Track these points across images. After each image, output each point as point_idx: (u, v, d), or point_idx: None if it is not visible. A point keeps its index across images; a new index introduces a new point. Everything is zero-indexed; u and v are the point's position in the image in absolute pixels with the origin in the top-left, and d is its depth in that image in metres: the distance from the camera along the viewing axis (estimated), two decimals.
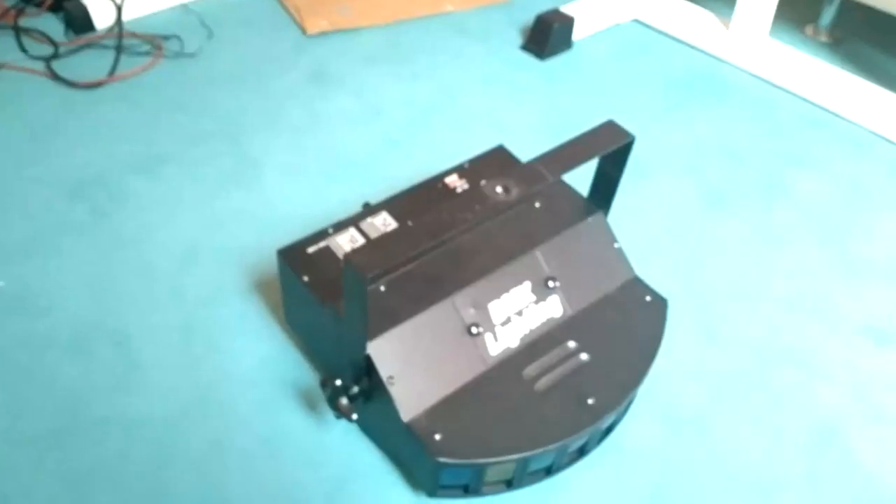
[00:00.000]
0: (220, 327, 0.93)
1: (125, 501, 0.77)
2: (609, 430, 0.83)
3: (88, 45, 1.33)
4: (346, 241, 0.82)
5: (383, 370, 0.73)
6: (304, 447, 0.83)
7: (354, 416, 0.75)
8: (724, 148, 1.22)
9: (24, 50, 1.31)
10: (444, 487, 0.77)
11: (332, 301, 0.76)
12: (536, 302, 0.81)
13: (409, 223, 0.65)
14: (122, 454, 0.81)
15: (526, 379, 0.77)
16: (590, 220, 0.85)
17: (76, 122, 1.18)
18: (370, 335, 0.73)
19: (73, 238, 1.01)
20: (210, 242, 1.02)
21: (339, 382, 0.75)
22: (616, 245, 0.86)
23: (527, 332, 0.80)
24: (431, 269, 0.79)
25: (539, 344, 0.80)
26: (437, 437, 0.72)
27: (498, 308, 0.79)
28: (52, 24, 1.34)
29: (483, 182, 0.69)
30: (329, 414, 0.84)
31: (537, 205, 0.86)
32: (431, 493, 0.77)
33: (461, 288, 0.78)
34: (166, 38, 1.35)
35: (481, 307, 0.78)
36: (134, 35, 1.34)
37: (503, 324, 0.79)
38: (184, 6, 1.42)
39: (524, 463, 0.75)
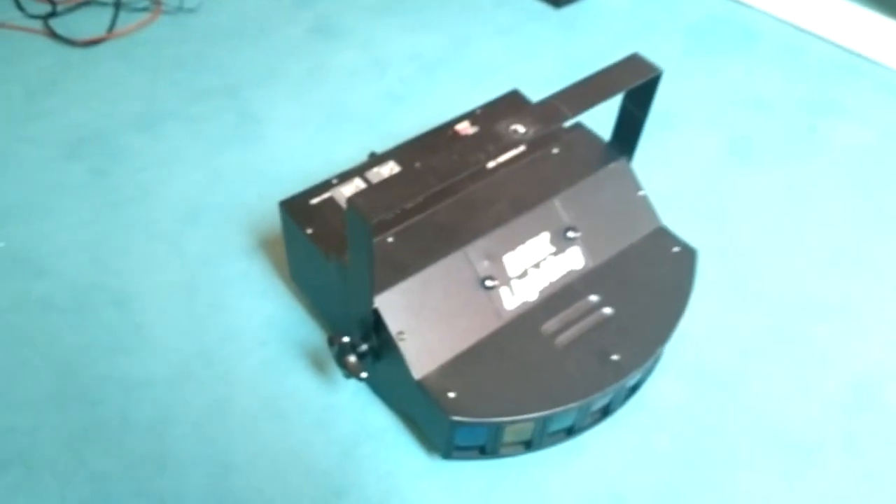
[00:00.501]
0: (224, 286, 0.89)
1: (126, 464, 0.74)
2: (634, 388, 0.78)
3: (87, 3, 1.28)
4: (352, 192, 0.77)
5: (393, 325, 0.68)
6: (311, 408, 0.79)
7: (364, 375, 0.71)
8: (752, 97, 1.15)
9: (21, 8, 1.27)
10: (460, 449, 0.73)
11: (336, 253, 0.71)
12: (555, 254, 0.76)
13: (417, 164, 0.60)
14: (122, 416, 0.77)
15: (545, 335, 0.73)
16: (612, 166, 0.80)
17: (74, 81, 1.14)
18: (378, 289, 0.68)
19: (72, 198, 0.98)
20: (212, 200, 0.98)
21: (346, 339, 0.71)
22: (640, 192, 0.81)
23: (545, 285, 0.75)
24: (442, 219, 0.75)
25: (559, 298, 0.75)
26: (451, 395, 0.68)
27: (514, 260, 0.74)
28: None
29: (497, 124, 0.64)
30: (337, 374, 0.80)
31: (555, 151, 0.81)
32: (446, 455, 0.73)
33: (474, 239, 0.73)
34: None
35: (496, 259, 0.73)
36: None
37: (520, 277, 0.74)
38: None
39: (544, 423, 0.70)
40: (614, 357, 0.71)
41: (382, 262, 0.71)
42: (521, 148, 0.81)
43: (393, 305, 0.69)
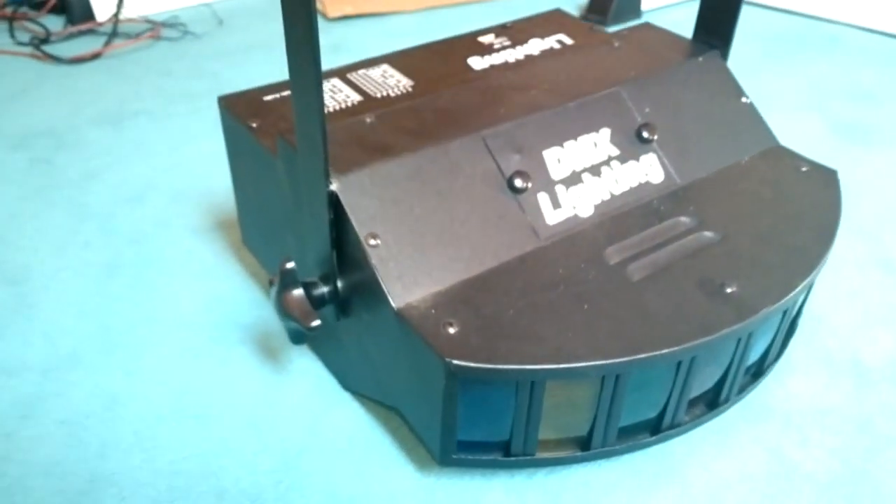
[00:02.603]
0: (156, 265, 0.64)
1: None
2: (758, 373, 0.48)
3: (84, 33, 1.16)
4: (326, 93, 0.54)
5: (361, 224, 0.42)
6: (245, 406, 0.51)
7: (314, 323, 0.44)
8: (847, 88, 0.93)
9: (12, 36, 1.15)
10: (467, 448, 0.43)
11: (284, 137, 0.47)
12: (622, 158, 0.50)
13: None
14: None
15: (610, 262, 0.45)
16: (701, 59, 0.56)
17: (48, 89, 0.98)
18: (340, 167, 0.43)
19: None
20: (169, 184, 0.76)
21: (290, 265, 0.44)
22: (744, 100, 0.55)
23: (606, 198, 0.48)
24: (448, 103, 0.50)
25: (628, 217, 0.48)
26: (451, 329, 0.40)
27: (558, 158, 0.48)
28: (52, 22, 1.19)
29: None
30: (292, 363, 0.53)
31: (616, 45, 0.57)
32: (444, 457, 0.43)
33: (497, 123, 0.48)
34: (170, 25, 1.16)
35: (531, 153, 0.48)
36: (132, 21, 1.16)
37: (567, 182, 0.48)
38: (206, 5, 1.25)
39: (613, 394, 0.41)
40: (730, 288, 0.43)
41: (354, 141, 0.46)
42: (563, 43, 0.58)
43: (361, 194, 0.43)
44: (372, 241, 0.42)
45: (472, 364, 0.38)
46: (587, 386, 0.42)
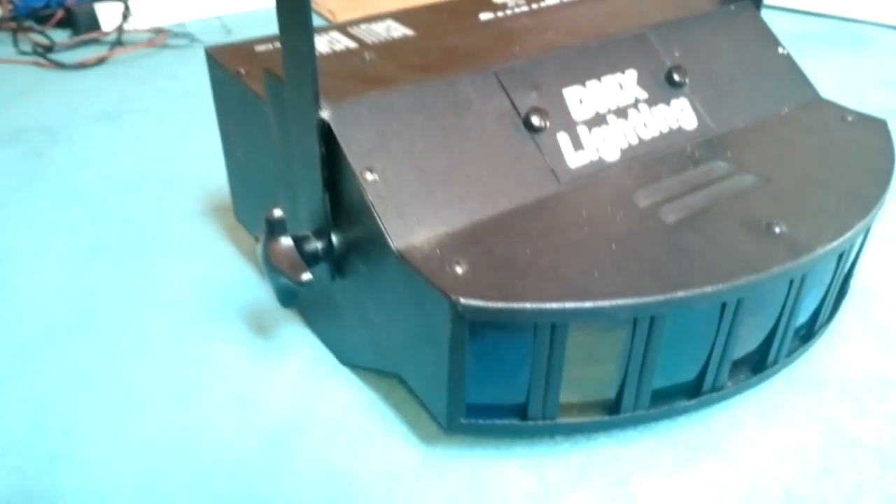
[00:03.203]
0: (144, 249, 0.60)
1: None
2: (808, 335, 0.43)
3: (89, 43, 1.14)
4: (324, 44, 0.50)
5: (355, 158, 0.37)
6: (233, 383, 0.46)
7: (305, 276, 0.39)
8: (880, 82, 0.88)
9: (16, 45, 1.13)
10: (477, 411, 0.37)
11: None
12: (650, 102, 0.45)
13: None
14: None
15: (640, 205, 0.40)
16: (734, 8, 0.51)
17: (48, 90, 0.95)
18: (332, 96, 0.38)
19: None
20: (163, 174, 0.72)
21: (277, 213, 0.39)
22: (781, 50, 0.51)
23: (634, 142, 0.43)
24: (457, 42, 0.46)
25: (660, 162, 0.43)
26: (459, 269, 0.35)
27: (579, 98, 0.43)
28: (58, 35, 1.17)
29: None
30: (284, 338, 0.48)
31: None
32: (451, 421, 0.37)
33: (512, 60, 0.43)
34: (178, 34, 1.14)
35: (549, 91, 0.43)
36: (137, 30, 1.14)
37: (590, 124, 0.43)
38: (216, 17, 1.23)
39: (647, 341, 0.35)
40: (779, 229, 0.37)
41: (351, 75, 0.41)
42: None
43: (357, 125, 0.38)
44: (369, 176, 0.37)
45: (483, 303, 0.33)
46: (616, 338, 0.36)
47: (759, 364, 0.40)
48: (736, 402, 0.42)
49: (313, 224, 0.42)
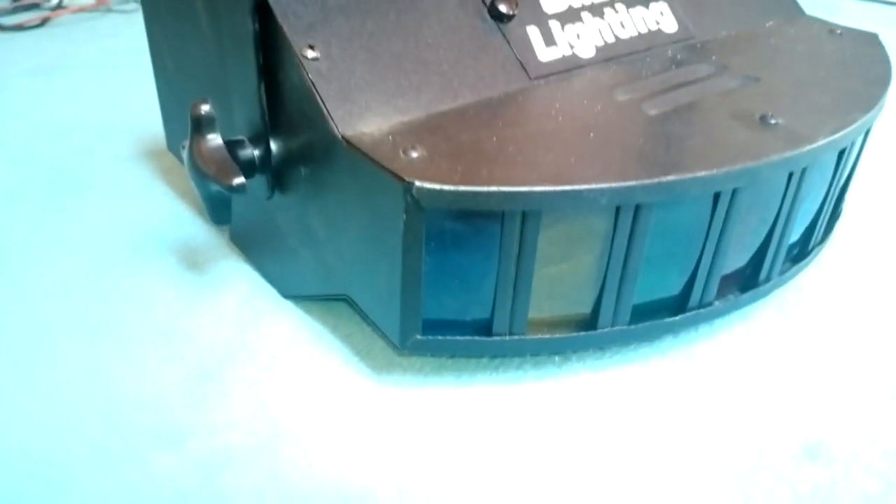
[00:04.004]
0: (69, 191, 0.54)
1: None
2: (802, 253, 0.39)
3: (30, 8, 1.07)
4: None
5: (294, 33, 0.32)
6: (159, 319, 0.40)
7: (237, 180, 0.34)
8: None
9: None
10: (435, 328, 0.32)
11: None
12: (628, 3, 0.41)
13: None
14: None
15: (619, 99, 0.35)
16: None
17: None
18: None
19: None
20: (97, 121, 0.66)
21: (205, 108, 0.34)
22: None
23: (611, 40, 0.39)
24: None
25: (639, 61, 0.39)
26: (415, 153, 0.30)
27: None
28: None
29: None
30: (220, 274, 0.43)
31: None
32: (405, 338, 0.32)
33: None
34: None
35: None
36: None
37: (563, 18, 0.39)
38: None
39: (630, 236, 0.31)
40: (775, 120, 0.33)
41: None
42: None
43: (298, 2, 0.33)
44: (310, 53, 0.32)
45: (441, 186, 0.28)
46: (594, 236, 0.31)
47: (749, 282, 0.36)
48: (722, 328, 0.37)
49: (249, 128, 0.36)
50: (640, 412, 0.33)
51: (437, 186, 0.28)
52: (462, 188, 0.28)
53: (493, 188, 0.28)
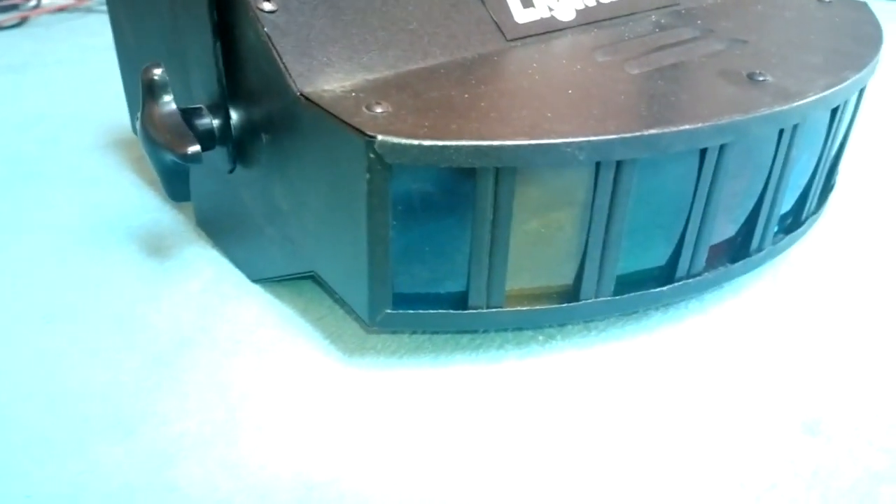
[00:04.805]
0: (30, 179, 0.52)
1: None
2: (794, 223, 0.37)
3: (8, 9, 1.05)
4: None
5: None
6: (118, 304, 0.38)
7: (192, 148, 0.31)
8: None
9: None
10: (406, 302, 0.30)
11: None
12: None
13: None
14: None
15: (600, 59, 0.33)
16: None
17: None
18: None
19: None
20: (65, 113, 0.64)
21: (157, 71, 0.32)
22: None
23: (591, 4, 0.37)
24: None
25: (621, 25, 0.37)
26: (380, 108, 0.28)
27: None
28: None
29: None
30: (188, 258, 0.40)
31: None
32: (374, 312, 0.30)
33: None
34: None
35: None
36: None
37: None
38: None
39: (613, 195, 0.28)
40: (763, 78, 0.31)
41: None
42: None
43: None
44: (266, 6, 0.30)
45: (407, 141, 0.26)
46: (575, 196, 0.29)
47: (740, 251, 0.34)
48: (713, 302, 0.35)
49: (207, 95, 0.34)
50: (628, 391, 0.31)
51: (402, 140, 0.26)
52: (429, 142, 0.26)
53: (464, 142, 0.26)
